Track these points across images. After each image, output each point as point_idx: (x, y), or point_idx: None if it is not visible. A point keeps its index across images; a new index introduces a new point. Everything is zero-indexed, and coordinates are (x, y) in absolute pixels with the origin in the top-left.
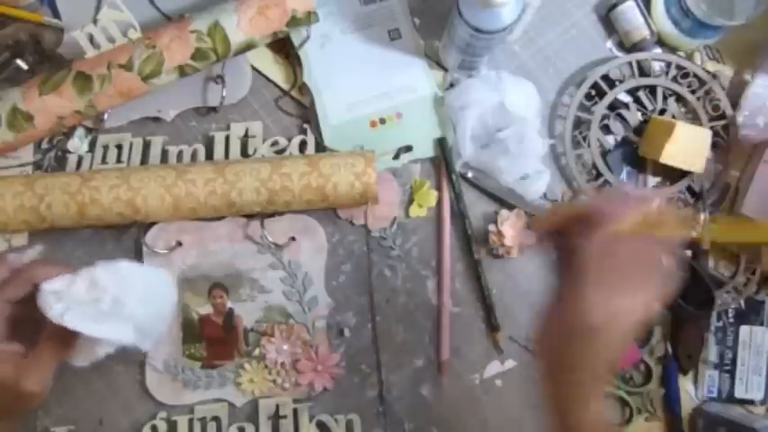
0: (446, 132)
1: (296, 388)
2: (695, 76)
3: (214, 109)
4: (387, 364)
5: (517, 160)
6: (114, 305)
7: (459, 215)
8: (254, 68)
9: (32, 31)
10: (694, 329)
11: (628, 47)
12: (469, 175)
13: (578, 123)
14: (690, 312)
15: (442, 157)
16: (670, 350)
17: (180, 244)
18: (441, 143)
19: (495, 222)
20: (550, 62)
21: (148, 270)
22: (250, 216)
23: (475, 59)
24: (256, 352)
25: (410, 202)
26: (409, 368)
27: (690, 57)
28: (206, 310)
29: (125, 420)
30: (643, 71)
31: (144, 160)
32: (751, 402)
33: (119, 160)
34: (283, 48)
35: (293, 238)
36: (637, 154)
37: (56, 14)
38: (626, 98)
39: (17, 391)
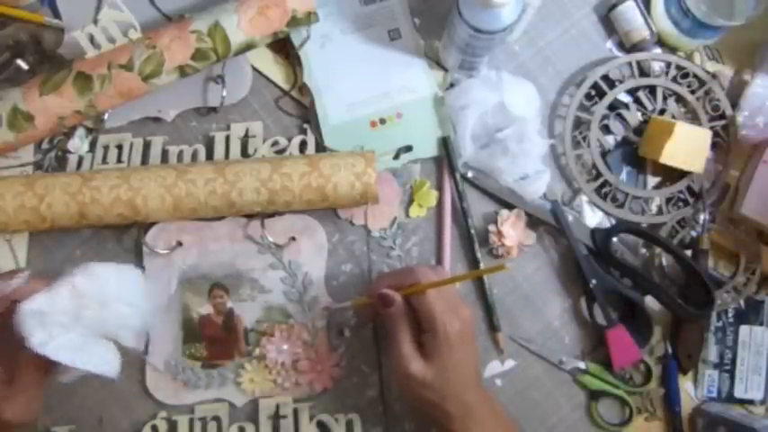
0: (446, 132)
1: (296, 388)
2: (695, 76)
3: (214, 109)
4: (387, 364)
5: (517, 160)
6: (100, 309)
7: (462, 214)
8: (254, 68)
9: (33, 32)
10: (694, 329)
11: (628, 47)
12: (469, 175)
13: (578, 123)
14: (690, 312)
15: (446, 156)
16: (670, 350)
17: (180, 244)
18: (444, 142)
19: (495, 222)
20: (550, 62)
21: (120, 268)
22: (250, 216)
23: (475, 59)
24: (256, 352)
25: (410, 202)
26: None
27: (690, 57)
28: (206, 309)
29: (125, 420)
30: (643, 71)
31: (144, 160)
32: (751, 402)
33: (119, 160)
34: (283, 48)
35: (293, 238)
36: (637, 154)
37: (56, 15)
38: (626, 98)
39: (3, 421)
